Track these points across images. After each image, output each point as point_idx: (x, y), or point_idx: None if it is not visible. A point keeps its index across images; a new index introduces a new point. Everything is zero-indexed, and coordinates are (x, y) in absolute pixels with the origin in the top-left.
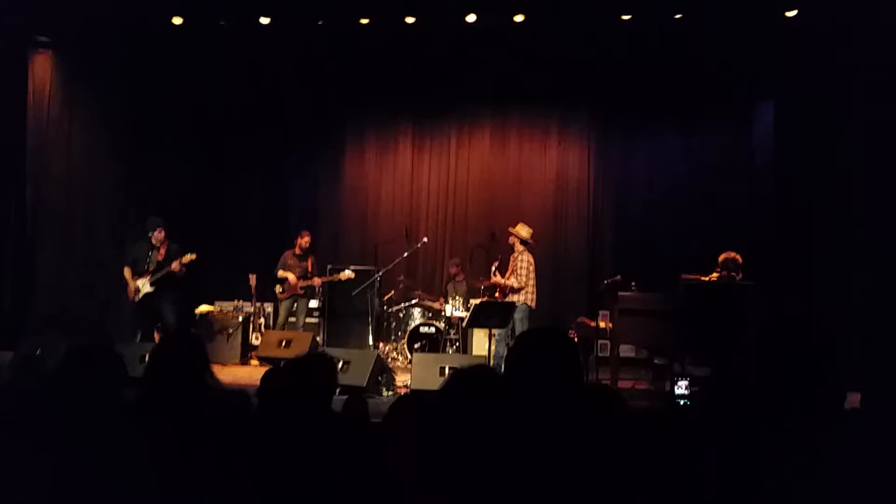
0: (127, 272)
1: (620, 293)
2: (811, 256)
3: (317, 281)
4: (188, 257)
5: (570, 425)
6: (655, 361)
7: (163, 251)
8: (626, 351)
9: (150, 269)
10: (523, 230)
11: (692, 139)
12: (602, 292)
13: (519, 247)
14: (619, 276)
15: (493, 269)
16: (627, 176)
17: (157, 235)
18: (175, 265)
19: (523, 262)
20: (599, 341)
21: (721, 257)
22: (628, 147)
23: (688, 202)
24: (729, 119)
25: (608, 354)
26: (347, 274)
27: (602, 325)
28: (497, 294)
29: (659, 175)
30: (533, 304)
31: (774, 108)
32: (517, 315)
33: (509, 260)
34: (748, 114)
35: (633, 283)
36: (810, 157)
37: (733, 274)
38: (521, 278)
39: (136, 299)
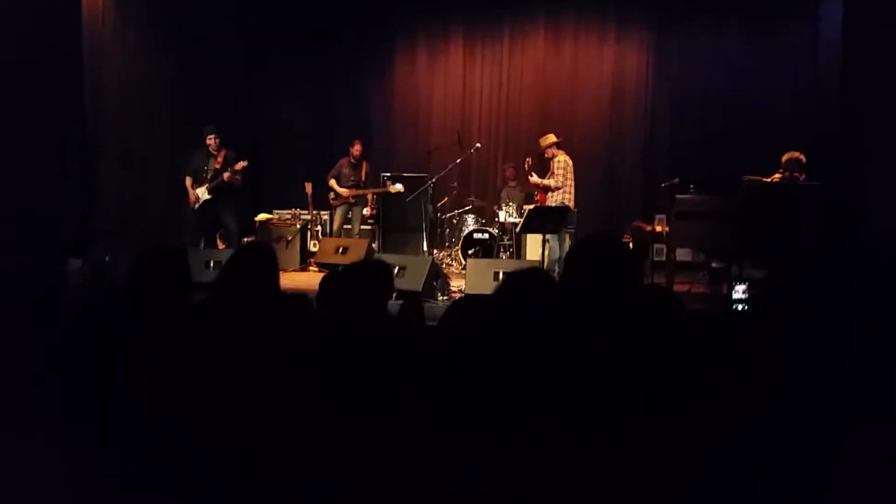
0: (188, 181)
1: (678, 195)
2: (875, 159)
3: (369, 198)
4: (240, 164)
5: (627, 327)
6: (713, 265)
7: (220, 158)
8: (682, 255)
9: (209, 177)
10: (549, 138)
11: (755, 39)
12: (659, 196)
13: (557, 151)
14: (676, 179)
15: (527, 167)
16: (687, 77)
17: (212, 142)
18: (227, 175)
19: (561, 163)
20: (655, 245)
21: (784, 157)
22: (688, 47)
23: (750, 104)
24: (794, 18)
25: (664, 259)
26: (397, 188)
27: (658, 229)
28: (538, 196)
29: (720, 76)
30: (572, 205)
31: (843, 6)
32: None
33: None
34: (814, 12)
35: (692, 186)
36: (879, 58)
37: (797, 174)
38: (557, 178)
39: (196, 207)
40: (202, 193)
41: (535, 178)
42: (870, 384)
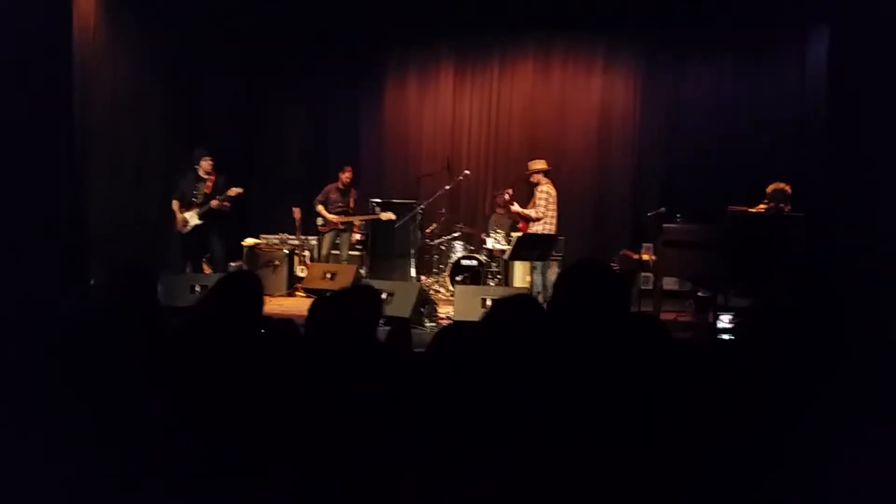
0: (175, 205)
1: (665, 225)
2: (863, 189)
3: (357, 223)
4: (234, 191)
5: (615, 354)
6: (699, 294)
7: (210, 183)
8: (669, 283)
9: (199, 201)
10: (538, 163)
11: (742, 68)
12: (646, 224)
13: (543, 180)
14: (663, 209)
15: (507, 197)
16: (674, 106)
17: (205, 166)
18: (214, 202)
19: (542, 193)
20: (643, 274)
21: (769, 188)
22: (676, 76)
23: (736, 133)
24: (781, 46)
25: (651, 287)
26: (388, 215)
27: (645, 257)
28: (520, 225)
29: (707, 106)
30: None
31: (829, 35)
32: None
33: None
34: (801, 40)
35: (678, 215)
36: (865, 86)
37: (781, 205)
38: (538, 209)
39: (185, 231)
40: (192, 218)
41: (515, 208)
42: (855, 412)
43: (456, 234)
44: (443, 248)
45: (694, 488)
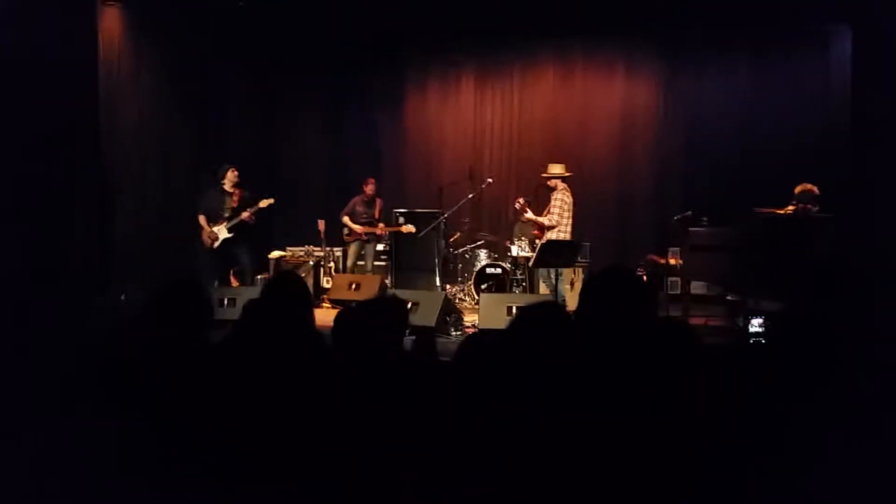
0: (202, 219)
1: (691, 228)
2: (888, 189)
3: (380, 230)
4: (265, 202)
5: (644, 360)
6: (728, 298)
7: (236, 197)
8: (697, 288)
9: (227, 215)
10: (556, 167)
11: (765, 68)
12: (671, 229)
13: (560, 185)
14: (689, 212)
15: (522, 204)
16: (697, 108)
17: (231, 178)
18: (246, 214)
19: (558, 200)
20: (669, 279)
21: (797, 189)
22: (698, 78)
23: (761, 134)
24: (803, 46)
25: (679, 292)
26: (408, 228)
27: (672, 262)
28: (534, 231)
29: (731, 108)
30: None
31: (852, 34)
32: None
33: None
34: (824, 40)
35: (704, 218)
36: (890, 88)
37: (809, 206)
38: (552, 217)
39: (215, 246)
40: (221, 232)
41: (529, 215)
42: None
43: (480, 243)
44: (467, 256)
45: (725, 495)
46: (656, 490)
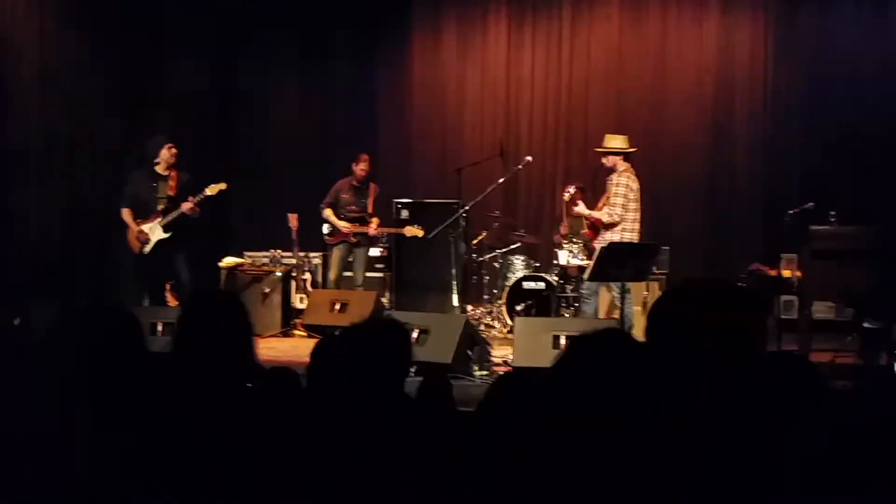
0: (127, 215)
1: (813, 227)
2: None
3: (374, 229)
4: (215, 188)
5: (746, 412)
6: (865, 325)
7: (174, 182)
8: (822, 310)
9: (162, 207)
10: (615, 139)
11: None
12: (785, 227)
13: (621, 165)
14: (810, 204)
15: (573, 193)
16: (823, 60)
17: (166, 156)
18: (188, 205)
19: (620, 187)
20: (783, 297)
21: None
22: (824, 19)
23: None
24: None
25: (795, 316)
26: (413, 230)
27: (787, 273)
28: (587, 231)
29: (870, 58)
30: None
31: None
32: None
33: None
34: None
35: (832, 213)
36: None
37: None
38: (613, 210)
39: (146, 250)
40: (154, 231)
41: (580, 209)
42: None
43: (515, 246)
44: (497, 265)
45: None
46: None
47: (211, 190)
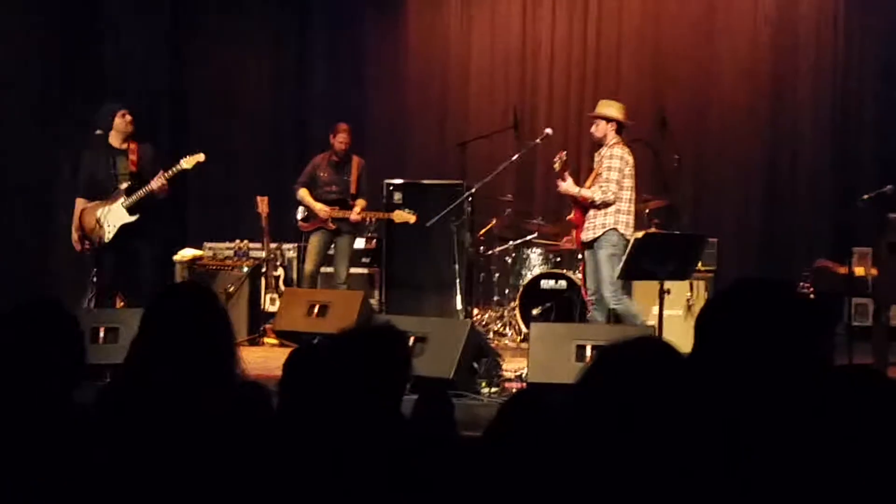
0: (79, 203)
1: (891, 215)
2: None
3: (357, 213)
4: (192, 159)
5: (809, 436)
6: None
7: (134, 156)
8: None
9: (125, 185)
10: (610, 107)
11: None
12: (857, 216)
13: (612, 136)
14: (888, 187)
15: (560, 161)
16: None
17: (121, 126)
18: (157, 182)
19: (614, 159)
20: (854, 300)
21: None
22: None
23: None
24: None
25: (869, 322)
26: (403, 215)
27: (859, 271)
28: (575, 214)
29: None
30: (628, 231)
31: None
32: (602, 252)
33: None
34: None
35: None
36: None
37: None
38: (609, 186)
39: (103, 239)
40: (114, 216)
41: (566, 185)
42: None
43: (531, 237)
44: (509, 260)
45: None
46: None
47: (187, 162)
